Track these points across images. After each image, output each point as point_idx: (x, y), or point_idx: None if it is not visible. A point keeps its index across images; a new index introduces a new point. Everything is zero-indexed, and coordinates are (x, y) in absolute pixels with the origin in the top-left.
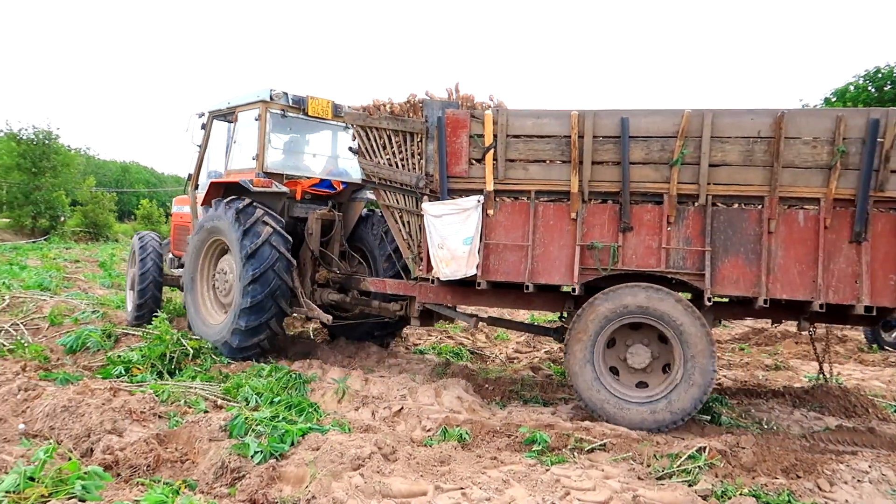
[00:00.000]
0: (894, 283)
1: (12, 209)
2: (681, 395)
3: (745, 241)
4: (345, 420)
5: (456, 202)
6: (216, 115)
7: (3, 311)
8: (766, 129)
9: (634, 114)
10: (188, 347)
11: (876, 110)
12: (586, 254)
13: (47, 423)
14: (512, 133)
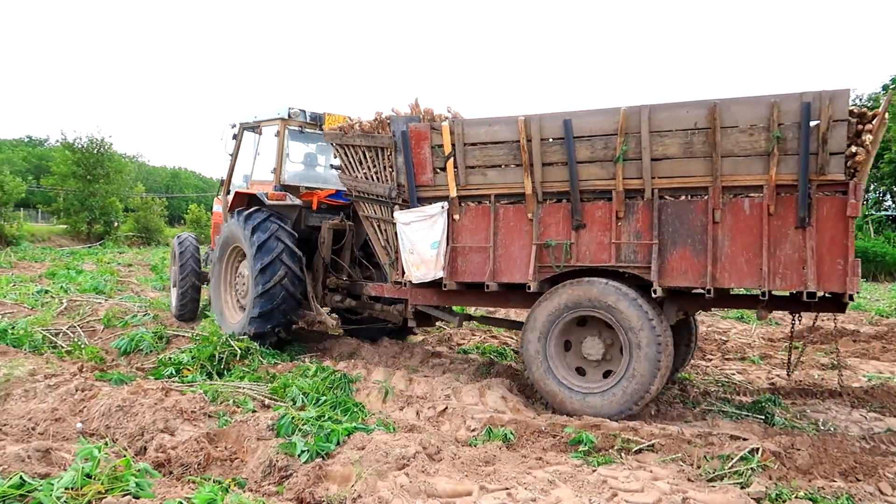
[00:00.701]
0: (842, 267)
1: (69, 215)
2: (625, 384)
3: (691, 233)
4: (389, 420)
5: (422, 209)
6: (246, 126)
7: (62, 314)
8: (702, 120)
9: (577, 115)
10: (236, 348)
11: (809, 94)
12: (543, 252)
13: (103, 422)
14: (468, 141)
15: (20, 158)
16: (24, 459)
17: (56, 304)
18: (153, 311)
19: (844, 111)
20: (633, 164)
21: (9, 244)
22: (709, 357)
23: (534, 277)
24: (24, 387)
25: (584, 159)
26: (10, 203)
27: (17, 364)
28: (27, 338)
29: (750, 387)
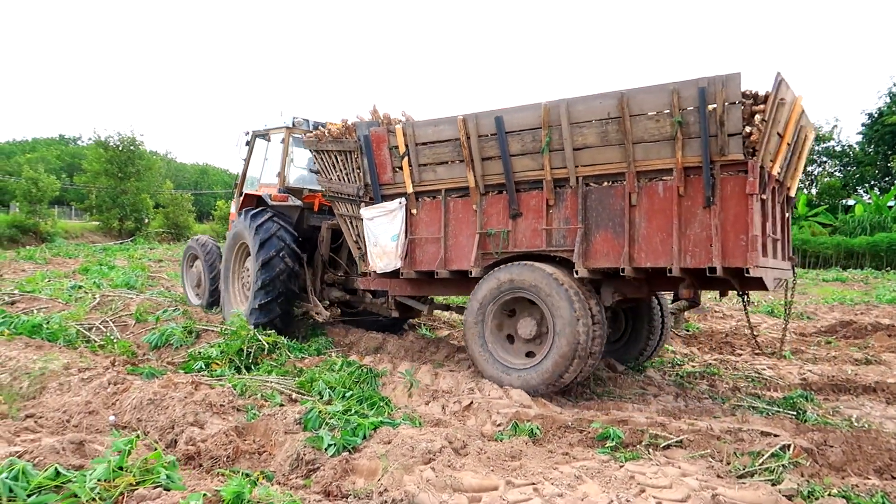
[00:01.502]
0: (744, 243)
1: (101, 212)
2: (547, 362)
3: (612, 217)
4: (415, 414)
5: (384, 205)
6: (258, 134)
7: (94, 309)
8: (613, 110)
9: (507, 111)
10: (264, 343)
11: (704, 79)
12: (485, 240)
13: (135, 414)
14: (419, 141)
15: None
16: (58, 451)
17: (89, 299)
18: (183, 307)
19: (737, 94)
20: (558, 155)
21: (44, 241)
22: (738, 352)
23: (476, 264)
24: (58, 380)
25: (517, 152)
26: (45, 200)
27: (51, 358)
28: (61, 332)
29: (781, 382)
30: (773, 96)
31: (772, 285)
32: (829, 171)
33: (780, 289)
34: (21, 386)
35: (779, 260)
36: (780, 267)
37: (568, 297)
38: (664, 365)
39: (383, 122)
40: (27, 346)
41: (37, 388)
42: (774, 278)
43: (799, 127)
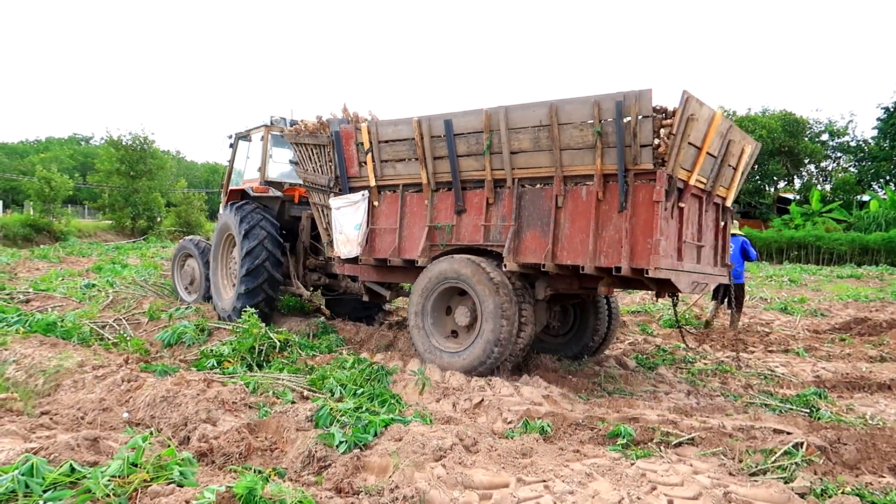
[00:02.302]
0: (650, 246)
1: (114, 211)
2: (475, 347)
3: (540, 216)
4: (426, 411)
5: (349, 196)
6: (239, 136)
7: (108, 307)
8: (544, 118)
9: (455, 115)
10: (275, 340)
11: (621, 93)
12: (433, 233)
13: (148, 412)
14: (381, 139)
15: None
16: (73, 448)
17: (102, 297)
18: (195, 305)
19: (648, 108)
20: (498, 157)
21: (57, 240)
22: (751, 349)
23: (423, 255)
24: (73, 377)
25: (463, 153)
26: (58, 200)
27: (66, 356)
28: (75, 330)
29: (794, 380)
30: (681, 112)
31: (687, 288)
32: (844, 166)
33: (699, 292)
34: (36, 383)
35: (704, 265)
36: (702, 272)
37: (494, 289)
38: (676, 362)
39: (352, 120)
40: (42, 344)
41: (52, 386)
42: (692, 282)
43: (727, 140)
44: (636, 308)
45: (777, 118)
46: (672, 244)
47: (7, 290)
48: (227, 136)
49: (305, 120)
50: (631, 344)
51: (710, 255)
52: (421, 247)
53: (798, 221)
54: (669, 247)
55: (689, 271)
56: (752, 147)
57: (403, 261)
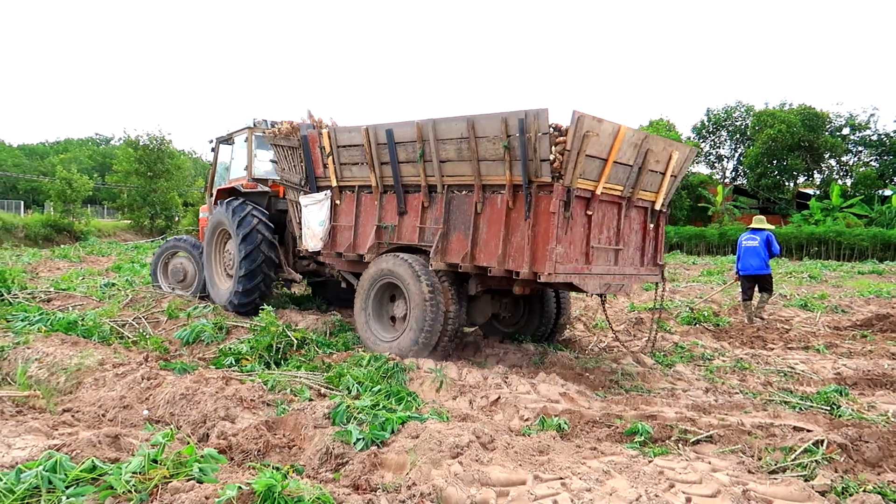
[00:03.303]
0: (548, 252)
1: (132, 211)
2: (405, 336)
3: (464, 221)
4: (443, 409)
5: (314, 195)
6: (220, 140)
7: (127, 306)
8: (465, 131)
9: (395, 125)
10: (293, 338)
11: (523, 111)
12: (380, 232)
13: (168, 409)
14: (340, 144)
15: (86, 157)
16: (95, 444)
17: (122, 296)
18: (213, 304)
19: (545, 126)
20: (430, 165)
21: (77, 239)
22: (770, 346)
23: (370, 251)
24: (94, 375)
25: (403, 160)
26: (78, 200)
27: (87, 354)
28: (96, 329)
29: (814, 377)
30: (573, 130)
31: (595, 290)
32: (865, 160)
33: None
34: (58, 381)
35: (625, 266)
36: (620, 273)
37: (420, 285)
38: (694, 359)
39: (317, 125)
40: (63, 343)
41: (73, 384)
42: (604, 283)
43: (645, 150)
44: (653, 305)
45: (796, 112)
46: (577, 250)
47: (29, 289)
48: (209, 140)
49: (285, 122)
50: (648, 341)
51: (635, 256)
52: (369, 244)
53: (818, 217)
54: (573, 252)
55: (600, 274)
56: (683, 152)
57: (357, 255)
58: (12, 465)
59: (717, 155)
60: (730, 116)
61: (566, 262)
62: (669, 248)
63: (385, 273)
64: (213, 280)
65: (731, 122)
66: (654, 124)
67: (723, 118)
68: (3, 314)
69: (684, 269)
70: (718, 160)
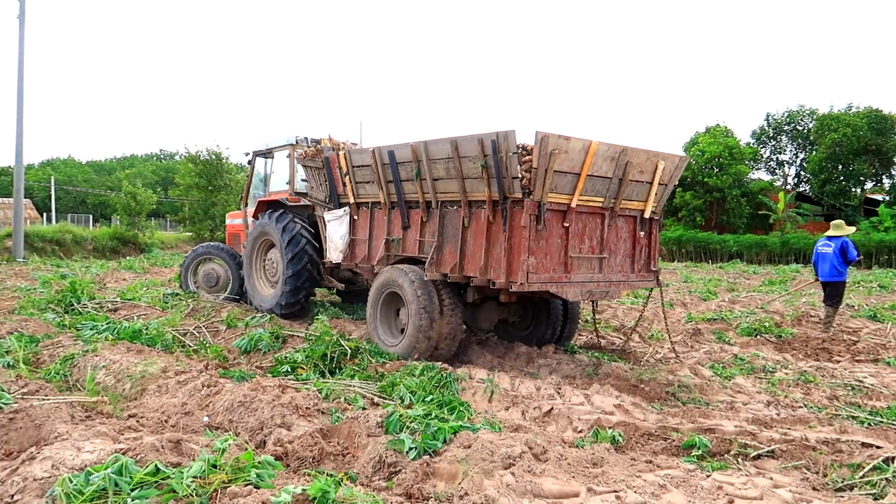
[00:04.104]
0: (521, 263)
1: (193, 223)
2: (405, 341)
3: (454, 234)
4: (495, 419)
5: (336, 211)
6: (257, 153)
7: (189, 316)
8: (450, 151)
9: (396, 147)
10: (346, 348)
11: (494, 133)
12: (389, 244)
13: (226, 416)
14: (354, 165)
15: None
16: (158, 449)
17: (184, 306)
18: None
19: (513, 146)
20: (426, 183)
21: (142, 251)
22: (836, 358)
23: (379, 263)
24: (157, 383)
25: (404, 178)
26: (143, 213)
27: (151, 362)
28: (159, 337)
29: (885, 391)
30: (537, 149)
31: (576, 297)
32: None
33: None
34: (124, 387)
35: (611, 273)
36: (605, 280)
37: (416, 294)
38: (754, 371)
39: (336, 147)
40: (129, 351)
41: (138, 390)
42: (586, 291)
43: (625, 162)
44: (712, 315)
45: (862, 115)
46: (555, 260)
47: (97, 299)
48: (245, 153)
49: (324, 139)
50: (706, 352)
51: (625, 263)
52: (379, 256)
53: (888, 224)
54: (549, 262)
55: (581, 282)
56: (672, 161)
57: (370, 266)
58: (81, 467)
59: (778, 161)
60: (792, 121)
61: (541, 271)
62: (728, 256)
63: (389, 283)
64: (255, 287)
65: (792, 127)
66: (711, 131)
67: (784, 123)
68: (73, 323)
69: (744, 278)
70: (779, 166)
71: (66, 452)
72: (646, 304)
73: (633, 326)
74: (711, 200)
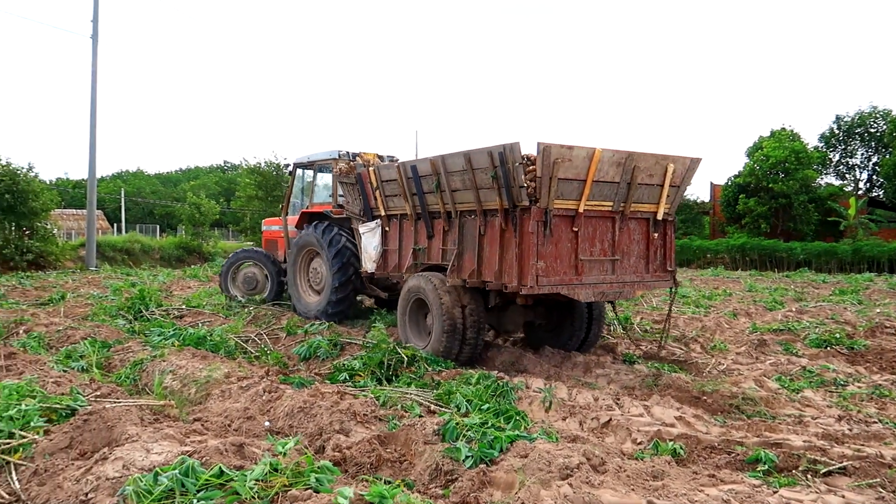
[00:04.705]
0: (530, 267)
1: (255, 233)
2: (431, 344)
3: (472, 242)
4: (552, 429)
5: (369, 224)
6: (298, 164)
7: (250, 323)
8: (465, 164)
9: (418, 161)
10: (403, 355)
11: (502, 146)
12: (416, 253)
13: (287, 421)
14: (383, 179)
15: (213, 183)
16: (222, 452)
17: (245, 313)
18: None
19: (519, 157)
20: (445, 194)
21: (206, 260)
22: None
23: (408, 271)
24: (220, 388)
25: (427, 191)
26: (206, 224)
27: (214, 367)
28: (222, 344)
29: None
30: (540, 159)
31: (588, 298)
32: None
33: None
34: (189, 392)
35: (624, 274)
36: (618, 280)
37: (439, 299)
38: (825, 385)
39: (367, 163)
40: (194, 356)
41: (202, 395)
42: (598, 292)
43: (632, 167)
44: (778, 326)
45: None
46: (565, 263)
47: (164, 306)
48: (285, 164)
49: (366, 153)
50: (772, 364)
51: (639, 264)
52: (407, 264)
53: None
54: (559, 266)
55: (593, 283)
56: (682, 164)
57: (400, 275)
58: (150, 467)
59: (848, 165)
60: (863, 123)
61: (550, 274)
62: (795, 265)
63: (415, 290)
64: (299, 294)
65: (864, 129)
66: (776, 134)
67: (855, 125)
68: (142, 329)
69: (813, 287)
70: (849, 170)
71: (136, 453)
72: (671, 304)
73: (665, 328)
74: (777, 207)
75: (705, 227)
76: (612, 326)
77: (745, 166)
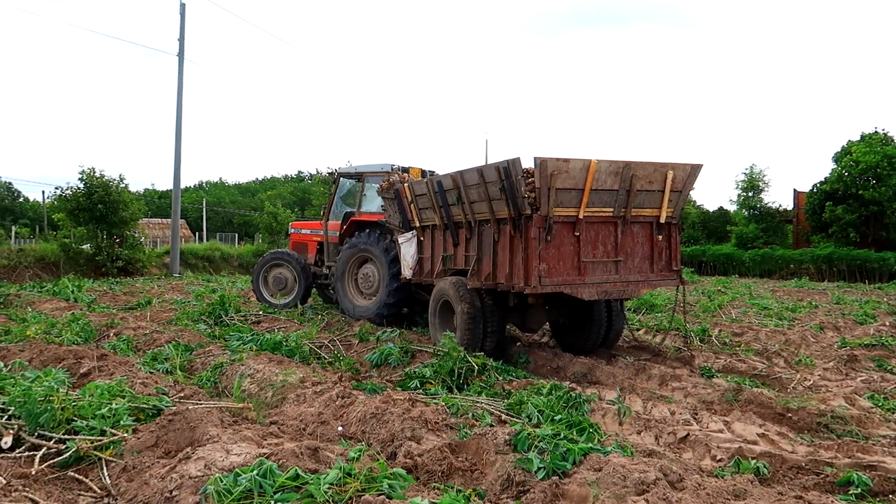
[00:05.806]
0: (535, 269)
1: None
2: (458, 336)
3: (488, 248)
4: (626, 443)
5: (406, 234)
6: (342, 174)
7: (324, 329)
8: (477, 178)
9: (442, 177)
10: (473, 364)
11: (506, 161)
12: (444, 261)
13: (359, 427)
14: (416, 193)
15: (289, 192)
16: (297, 455)
17: (319, 320)
18: (399, 329)
19: (520, 171)
20: (465, 206)
21: None
22: None
23: (437, 276)
24: (295, 392)
25: (451, 203)
26: (283, 232)
27: (290, 372)
28: (297, 349)
29: None
30: (537, 172)
31: (591, 297)
32: None
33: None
34: (266, 395)
35: (628, 274)
36: (623, 280)
37: (461, 300)
38: None
39: (402, 179)
40: (270, 361)
41: (279, 398)
42: (602, 291)
43: (630, 175)
44: (870, 341)
45: None
46: (568, 265)
47: (242, 311)
48: (329, 172)
49: (412, 168)
50: (864, 381)
51: (643, 265)
52: (436, 270)
53: None
54: (562, 267)
55: (596, 283)
56: (683, 170)
57: (432, 280)
58: (230, 468)
59: None
60: None
61: (553, 275)
62: (889, 276)
63: (441, 293)
64: (347, 296)
65: None
66: (867, 138)
67: None
68: (222, 334)
69: None
70: None
71: (216, 454)
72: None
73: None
74: (867, 215)
75: (788, 237)
76: (689, 339)
77: (833, 172)
